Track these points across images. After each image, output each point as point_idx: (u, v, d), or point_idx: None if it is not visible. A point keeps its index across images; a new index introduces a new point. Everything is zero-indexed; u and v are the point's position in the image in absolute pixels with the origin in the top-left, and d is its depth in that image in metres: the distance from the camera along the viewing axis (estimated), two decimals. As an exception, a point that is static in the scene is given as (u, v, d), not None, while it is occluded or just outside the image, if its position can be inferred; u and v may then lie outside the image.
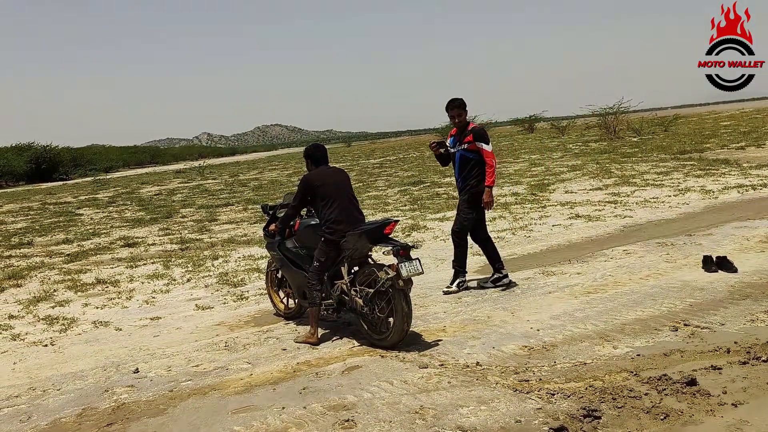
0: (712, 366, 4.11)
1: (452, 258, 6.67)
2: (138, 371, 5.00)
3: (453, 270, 6.65)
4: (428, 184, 17.19)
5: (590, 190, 13.39)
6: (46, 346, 5.87)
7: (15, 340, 6.10)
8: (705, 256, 6.62)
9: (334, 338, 5.42)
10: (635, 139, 26.52)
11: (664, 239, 8.15)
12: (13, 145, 51.76)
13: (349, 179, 5.61)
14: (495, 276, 6.63)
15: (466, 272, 6.70)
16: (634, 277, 6.52)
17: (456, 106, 6.46)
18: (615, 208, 10.91)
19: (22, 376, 5.10)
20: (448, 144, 6.67)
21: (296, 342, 5.38)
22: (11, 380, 5.03)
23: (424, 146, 37.20)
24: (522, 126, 52.19)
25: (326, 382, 4.43)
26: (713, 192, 11.59)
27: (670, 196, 11.65)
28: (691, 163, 16.36)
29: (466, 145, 6.40)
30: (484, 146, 6.35)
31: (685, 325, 5.00)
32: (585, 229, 9.35)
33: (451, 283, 6.58)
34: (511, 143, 34.73)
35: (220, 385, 4.59)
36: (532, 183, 15.34)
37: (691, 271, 6.57)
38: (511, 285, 6.57)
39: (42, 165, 46.68)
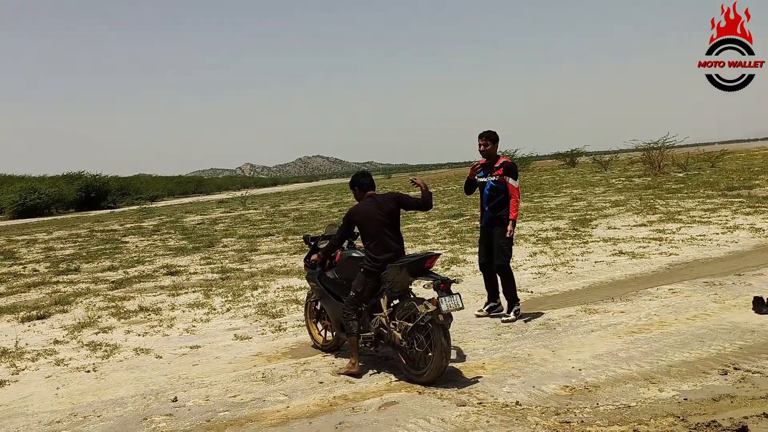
0: (764, 413, 3.94)
1: (501, 291, 6.91)
2: (176, 400, 5.03)
3: (507, 301, 6.83)
4: (468, 217, 17.09)
5: (634, 226, 13.12)
6: (88, 371, 5.97)
7: (59, 365, 6.22)
8: (756, 297, 6.40)
9: (372, 372, 5.38)
10: (681, 175, 26.03)
11: (712, 278, 7.91)
12: (65, 173, 53.47)
13: (396, 208, 5.53)
14: (491, 305, 6.97)
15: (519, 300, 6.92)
16: (681, 318, 6.33)
17: (486, 136, 6.76)
18: (660, 245, 10.66)
19: (65, 402, 5.19)
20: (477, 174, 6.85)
21: (339, 374, 5.37)
22: (54, 405, 5.12)
23: (463, 179, 37.12)
24: (563, 160, 51.77)
25: (362, 418, 4.39)
26: (763, 230, 11.25)
27: (717, 233, 11.33)
28: (740, 200, 15.94)
29: (496, 177, 6.66)
30: (512, 181, 6.67)
31: (735, 368, 4.81)
32: (629, 267, 9.15)
33: (509, 312, 6.75)
34: (552, 177, 34.43)
35: (257, 416, 4.59)
36: (574, 218, 15.14)
37: (741, 312, 6.35)
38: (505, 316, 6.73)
39: (91, 193, 47.95)
